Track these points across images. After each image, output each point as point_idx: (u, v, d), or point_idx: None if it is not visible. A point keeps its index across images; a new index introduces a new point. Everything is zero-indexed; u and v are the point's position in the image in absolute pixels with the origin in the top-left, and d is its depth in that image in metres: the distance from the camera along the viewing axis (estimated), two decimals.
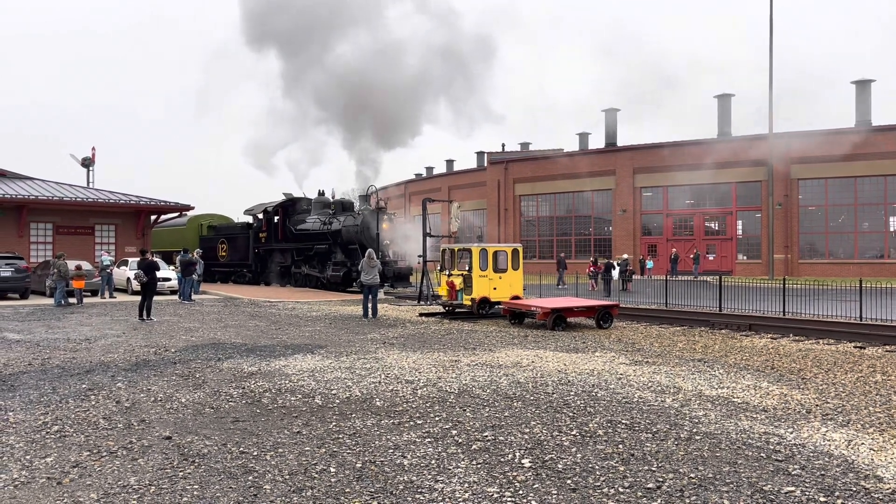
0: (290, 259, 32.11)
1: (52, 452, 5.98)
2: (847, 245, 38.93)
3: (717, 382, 9.14)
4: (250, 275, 34.68)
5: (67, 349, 12.19)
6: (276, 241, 32.88)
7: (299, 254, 31.41)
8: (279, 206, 33.09)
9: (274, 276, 33.27)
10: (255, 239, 34.19)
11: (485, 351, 11.99)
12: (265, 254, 33.85)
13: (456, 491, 5.01)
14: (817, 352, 12.15)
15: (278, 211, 32.96)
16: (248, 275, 34.81)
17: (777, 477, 5.30)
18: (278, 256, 33.04)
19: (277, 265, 33.04)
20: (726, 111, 44.91)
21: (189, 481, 5.23)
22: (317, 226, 30.29)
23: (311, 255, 30.38)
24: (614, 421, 6.97)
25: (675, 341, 13.61)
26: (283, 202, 33.32)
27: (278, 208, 33.04)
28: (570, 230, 48.59)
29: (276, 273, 33.09)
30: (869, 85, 40.91)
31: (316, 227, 30.31)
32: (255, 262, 34.26)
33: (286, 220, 32.56)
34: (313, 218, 31.11)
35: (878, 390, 8.73)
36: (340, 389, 8.53)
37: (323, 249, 29.40)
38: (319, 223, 30.13)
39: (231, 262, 36.20)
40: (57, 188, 32.76)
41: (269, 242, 33.25)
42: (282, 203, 33.25)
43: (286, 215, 32.71)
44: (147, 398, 8.08)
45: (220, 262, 36.85)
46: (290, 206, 33.07)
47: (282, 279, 32.71)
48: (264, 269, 34.10)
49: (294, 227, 31.96)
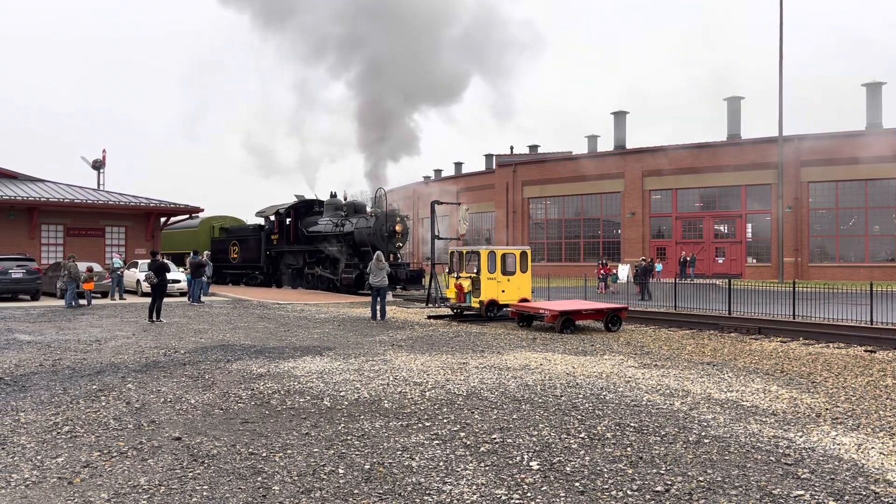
0: (301, 261, 32.06)
1: (63, 453, 6.03)
2: (858, 248, 38.68)
3: (726, 386, 9.11)
4: (262, 277, 34.64)
5: (78, 350, 12.27)
6: (287, 242, 32.83)
7: (311, 256, 31.36)
8: (291, 208, 33.06)
9: (286, 278, 33.23)
10: (266, 241, 34.12)
11: (493, 353, 11.98)
12: (277, 256, 33.79)
13: (464, 493, 5.02)
14: (827, 355, 12.09)
15: (290, 213, 32.92)
16: (260, 277, 34.77)
17: (786, 481, 5.28)
18: (290, 258, 32.99)
19: (289, 267, 33.00)
20: (736, 113, 44.76)
21: (198, 482, 5.26)
22: (329, 228, 30.23)
23: (324, 257, 30.30)
24: (623, 424, 6.96)
25: (683, 344, 13.57)
26: (295, 204, 33.32)
27: (290, 210, 32.99)
28: (578, 233, 48.49)
29: (288, 275, 33.04)
30: (880, 87, 40.70)
31: (328, 228, 30.26)
32: (267, 264, 34.20)
33: (298, 222, 32.53)
34: (325, 220, 31.05)
35: (889, 394, 8.68)
36: (349, 391, 8.55)
37: (335, 251, 29.32)
38: (332, 225, 30.06)
39: (243, 263, 36.12)
40: (68, 190, 32.98)
41: (280, 244, 33.19)
42: (294, 205, 33.24)
43: (298, 217, 32.67)
44: (157, 399, 8.13)
45: (232, 264, 36.81)
46: (302, 208, 33.03)
47: (293, 281, 32.67)
48: (276, 271, 34.08)
49: (306, 228, 31.92)
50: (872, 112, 40.27)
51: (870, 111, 40.41)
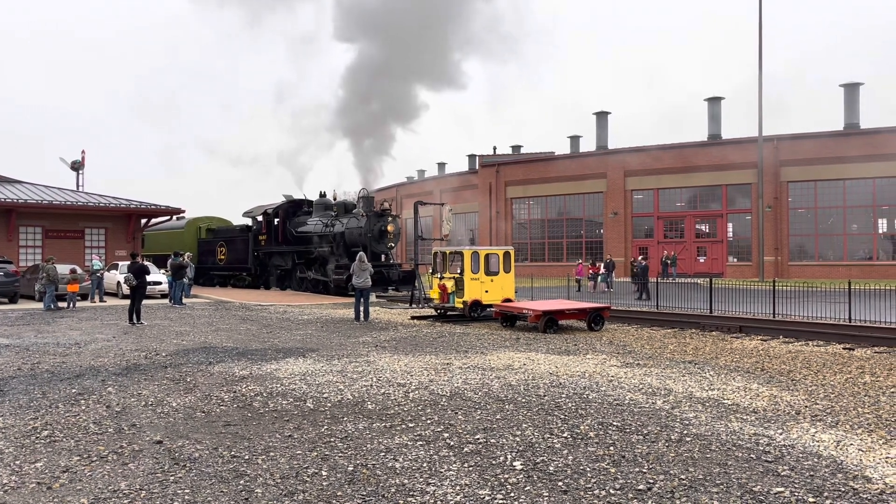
0: (290, 262, 31.63)
1: (42, 457, 5.95)
2: (836, 247, 39.15)
3: (708, 384, 9.18)
4: (250, 278, 34.18)
5: (57, 354, 12.13)
6: (276, 243, 32.41)
7: (300, 257, 30.96)
8: (279, 208, 32.64)
9: (274, 280, 32.79)
10: (254, 241, 33.66)
11: (476, 354, 12.00)
12: (265, 257, 33.36)
13: (448, 493, 5.02)
14: (807, 353, 12.23)
15: (279, 213, 32.50)
16: (248, 278, 34.31)
17: (767, 478, 5.33)
18: (278, 259, 32.56)
19: (277, 268, 32.58)
20: (717, 114, 45.13)
21: (180, 486, 5.21)
22: (319, 228, 29.85)
23: (313, 257, 29.94)
24: (605, 423, 7.00)
25: (665, 343, 13.66)
26: (284, 204, 32.88)
27: (279, 210, 32.57)
28: (561, 233, 48.66)
29: (277, 276, 32.61)
30: (857, 88, 41.22)
31: (318, 229, 29.89)
32: (255, 266, 33.75)
33: (286, 223, 32.12)
34: (315, 220, 30.67)
35: (867, 391, 8.79)
36: (332, 393, 8.52)
37: (325, 252, 28.94)
38: (321, 225, 29.70)
39: (230, 265, 35.59)
40: (46, 192, 32.57)
41: (269, 245, 32.77)
42: (282, 205, 32.82)
43: (286, 217, 32.25)
44: (138, 402, 8.05)
45: (219, 266, 36.27)
46: (290, 208, 32.61)
47: (282, 283, 32.20)
48: (264, 273, 33.63)
49: (295, 229, 31.54)
50: (850, 112, 40.79)
51: (847, 111, 40.92)
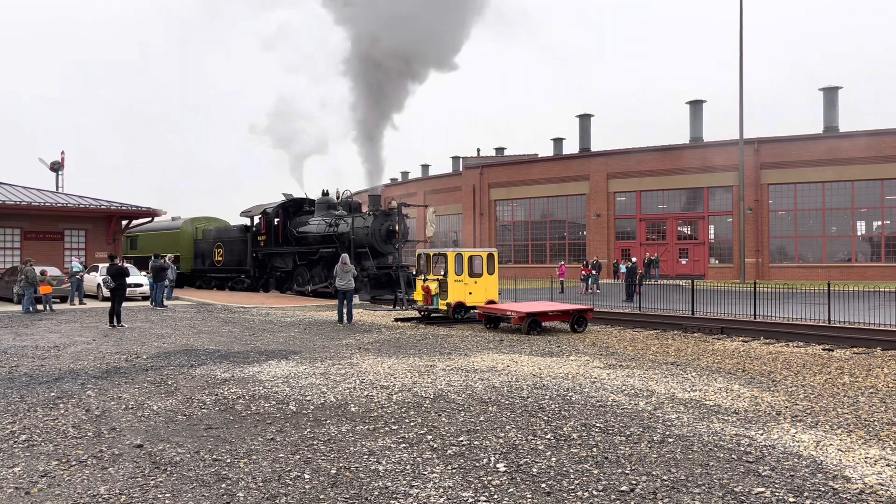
0: (291, 263, 30.43)
1: (20, 462, 5.87)
2: (816, 249, 39.60)
3: (690, 385, 9.25)
4: (248, 280, 32.79)
5: (36, 357, 11.97)
6: (276, 244, 31.18)
7: (302, 258, 29.71)
8: (279, 208, 31.40)
9: (273, 282, 31.58)
10: (253, 242, 32.36)
11: (460, 356, 11.99)
12: (265, 258, 32.09)
13: (431, 496, 5.01)
14: (787, 354, 12.35)
15: (279, 212, 31.24)
16: (247, 280, 32.88)
17: (748, 478, 5.38)
18: (279, 260, 31.32)
19: (277, 270, 31.41)
20: (698, 117, 45.51)
21: (161, 490, 5.16)
22: (322, 228, 28.63)
23: (316, 259, 28.59)
24: (588, 424, 7.02)
25: (648, 345, 13.74)
26: (284, 203, 31.69)
27: (279, 209, 31.32)
28: (544, 235, 48.83)
29: (277, 278, 31.42)
30: (836, 92, 41.74)
31: (321, 229, 28.67)
32: (254, 267, 32.49)
33: (287, 222, 30.88)
34: (317, 220, 29.43)
35: (846, 392, 8.89)
36: (315, 395, 8.48)
37: (329, 253, 27.32)
38: (325, 225, 28.49)
39: (228, 266, 34.22)
40: (25, 193, 32.12)
41: (268, 246, 31.49)
42: (282, 204, 31.61)
43: (287, 217, 31.06)
44: (118, 406, 7.97)
45: (217, 268, 35.01)
46: (291, 208, 31.46)
47: (282, 285, 31.05)
48: (263, 274, 32.41)
49: (296, 229, 30.33)
50: (829, 115, 41.29)
51: (826, 115, 41.43)
